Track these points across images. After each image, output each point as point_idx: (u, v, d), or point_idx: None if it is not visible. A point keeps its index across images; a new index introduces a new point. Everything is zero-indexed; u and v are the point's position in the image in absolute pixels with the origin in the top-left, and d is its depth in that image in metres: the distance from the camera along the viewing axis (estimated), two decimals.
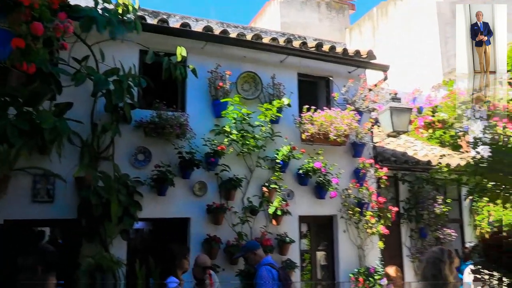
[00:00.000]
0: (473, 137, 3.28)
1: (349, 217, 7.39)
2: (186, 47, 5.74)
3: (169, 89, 6.64)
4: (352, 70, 7.87)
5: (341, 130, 7.07)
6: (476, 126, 9.48)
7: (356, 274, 7.23)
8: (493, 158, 3.19)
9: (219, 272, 6.04)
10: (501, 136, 3.80)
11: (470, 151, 9.36)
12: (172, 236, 6.53)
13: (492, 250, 3.03)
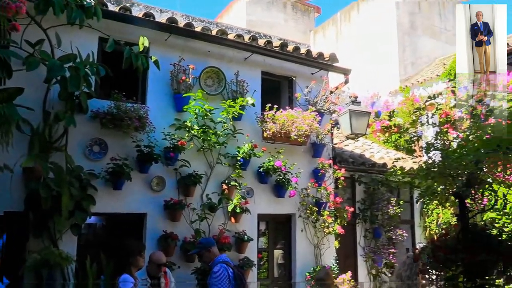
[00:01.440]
0: (425, 143, 3.36)
1: (307, 216, 7.44)
2: (149, 38, 5.56)
3: (129, 80, 6.43)
4: (315, 72, 7.93)
5: (302, 130, 7.10)
6: (430, 132, 9.82)
7: (312, 273, 7.28)
8: (443, 163, 3.28)
9: (174, 270, 5.91)
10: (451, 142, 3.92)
11: (423, 156, 9.66)
12: (127, 232, 6.33)
13: (440, 251, 3.11)
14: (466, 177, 3.18)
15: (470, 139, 3.25)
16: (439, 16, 15.87)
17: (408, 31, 14.83)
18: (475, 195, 3.47)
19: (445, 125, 3.74)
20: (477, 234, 3.18)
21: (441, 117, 8.41)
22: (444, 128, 3.68)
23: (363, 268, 8.80)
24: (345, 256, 8.48)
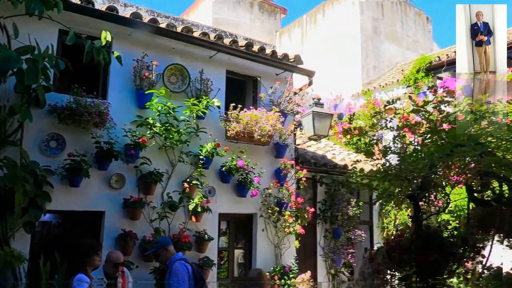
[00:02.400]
0: (383, 146, 3.46)
1: (268, 216, 7.48)
2: (112, 32, 5.44)
3: (90, 74, 6.27)
4: (279, 73, 7.99)
5: (265, 130, 7.14)
6: (389, 136, 10.10)
7: (272, 273, 7.34)
8: (399, 166, 3.38)
9: (133, 269, 5.81)
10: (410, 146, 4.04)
11: (382, 159, 9.91)
12: (84, 230, 6.17)
13: (394, 251, 3.20)
14: (421, 180, 3.29)
15: (425, 143, 3.37)
16: (401, 23, 16.33)
17: (371, 36, 15.17)
18: (429, 197, 3.60)
19: (403, 129, 3.86)
20: (430, 235, 3.29)
21: (400, 122, 8.67)
22: (402, 132, 3.79)
23: (323, 268, 8.94)
24: (305, 256, 8.59)
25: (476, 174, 3.60)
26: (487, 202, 3.64)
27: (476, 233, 3.82)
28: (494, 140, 3.26)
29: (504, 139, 3.14)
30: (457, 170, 3.42)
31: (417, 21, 16.86)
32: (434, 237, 3.34)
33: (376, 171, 3.57)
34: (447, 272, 3.45)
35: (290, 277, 7.40)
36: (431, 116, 3.37)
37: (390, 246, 3.29)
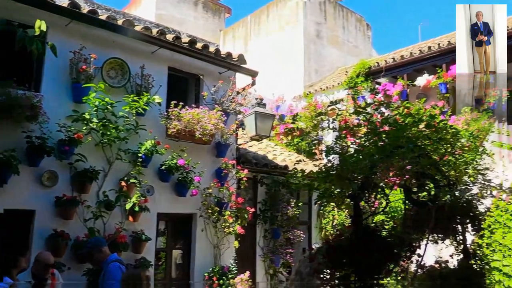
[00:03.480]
0: (325, 146, 3.51)
1: (208, 216, 7.40)
2: (49, 22, 5.09)
3: (22, 65, 5.86)
4: (223, 71, 7.94)
5: (207, 129, 7.06)
6: (330, 137, 10.34)
7: (210, 273, 7.26)
8: (340, 167, 3.44)
9: (64, 271, 5.51)
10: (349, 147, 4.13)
11: (323, 159, 10.13)
12: (12, 230, 5.75)
13: (333, 251, 3.26)
14: (361, 180, 3.37)
15: (366, 145, 3.46)
16: (343, 28, 16.84)
17: (314, 40, 15.50)
18: (369, 198, 3.70)
19: (344, 130, 3.94)
20: (369, 235, 3.38)
21: (341, 123, 8.89)
22: (343, 133, 3.88)
23: (262, 268, 8.98)
24: (244, 256, 8.58)
25: (413, 176, 3.75)
26: (422, 203, 3.80)
27: (412, 233, 3.98)
28: (430, 143, 3.41)
29: (435, 140, 3.29)
30: (396, 172, 3.54)
31: (358, 27, 17.45)
32: (373, 237, 3.44)
33: (318, 172, 3.62)
34: (385, 271, 3.56)
35: (228, 278, 7.36)
36: (371, 118, 3.47)
37: (330, 246, 3.35)
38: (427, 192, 3.77)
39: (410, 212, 3.99)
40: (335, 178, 3.44)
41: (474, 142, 4.06)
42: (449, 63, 11.38)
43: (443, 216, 3.58)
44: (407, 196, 3.81)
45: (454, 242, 4.08)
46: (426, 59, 11.89)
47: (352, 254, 3.19)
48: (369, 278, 3.27)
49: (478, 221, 3.90)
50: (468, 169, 3.92)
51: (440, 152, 3.59)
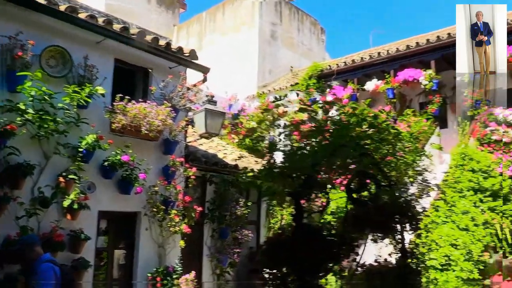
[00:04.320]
0: (268, 143, 3.44)
1: (153, 215, 7.17)
2: None
3: None
4: (173, 66, 7.73)
5: (154, 125, 6.84)
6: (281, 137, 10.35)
7: (154, 274, 7.04)
8: (284, 164, 3.38)
9: None
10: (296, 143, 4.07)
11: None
12: None
13: (274, 250, 3.19)
14: (304, 178, 3.32)
15: (310, 142, 3.42)
16: (298, 30, 16.98)
17: (269, 40, 15.53)
18: (311, 196, 3.66)
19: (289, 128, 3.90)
20: (310, 234, 3.33)
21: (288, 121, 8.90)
22: (288, 130, 3.82)
23: (208, 268, 8.82)
24: (191, 256, 8.40)
25: (355, 175, 3.75)
26: (363, 202, 3.81)
27: (353, 232, 3.99)
28: (372, 142, 3.41)
29: (377, 141, 3.29)
30: (338, 171, 3.53)
31: (312, 30, 17.66)
32: (314, 236, 3.39)
33: (260, 169, 3.54)
34: (324, 270, 3.53)
35: (173, 278, 7.17)
36: (316, 115, 3.43)
37: (270, 245, 3.27)
38: (368, 192, 3.78)
39: (352, 212, 4.00)
40: (278, 175, 3.37)
41: (415, 143, 4.14)
42: (397, 69, 11.77)
43: (383, 215, 3.61)
44: (349, 195, 3.81)
45: (393, 241, 4.13)
46: (375, 65, 12.24)
47: (292, 253, 3.13)
48: (308, 277, 3.23)
49: (416, 220, 3.96)
50: (408, 170, 3.98)
51: (382, 152, 3.61)
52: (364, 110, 3.63)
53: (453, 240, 7.82)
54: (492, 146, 9.32)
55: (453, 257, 7.57)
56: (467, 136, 9.89)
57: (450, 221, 8.23)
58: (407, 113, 7.39)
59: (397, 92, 11.82)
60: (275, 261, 3.16)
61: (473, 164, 8.88)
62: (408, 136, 4.29)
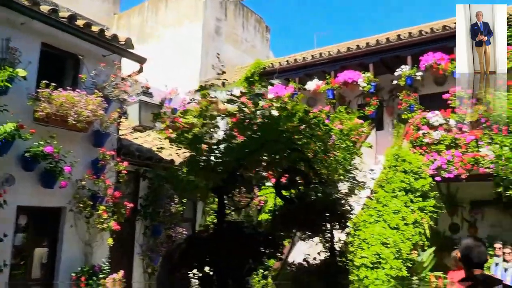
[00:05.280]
0: (192, 135, 3.26)
1: (80, 211, 6.77)
2: None
3: None
4: (107, 54, 7.35)
5: (83, 116, 6.44)
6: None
7: (79, 273, 6.65)
8: (207, 157, 3.23)
9: None
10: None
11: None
12: None
13: (195, 248, 3.02)
14: (229, 173, 3.17)
15: (236, 135, 3.27)
16: (242, 27, 16.87)
17: (213, 35, 15.29)
18: (236, 192, 3.52)
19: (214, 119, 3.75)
20: (233, 232, 3.19)
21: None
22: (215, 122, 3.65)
23: (139, 267, 8.48)
24: (121, 255, 8.02)
25: (283, 171, 3.66)
26: (291, 200, 3.73)
27: (281, 230, 3.89)
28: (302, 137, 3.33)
29: (307, 136, 3.21)
30: (266, 166, 3.42)
31: (257, 28, 17.62)
32: (238, 234, 3.25)
33: (182, 162, 3.37)
34: (248, 270, 3.39)
35: (99, 277, 6.80)
36: (245, 107, 3.30)
37: (190, 243, 3.09)
38: (297, 189, 3.70)
39: (280, 209, 3.91)
40: (200, 169, 3.20)
41: (345, 140, 4.13)
42: (338, 70, 11.97)
43: (312, 213, 3.54)
44: (278, 192, 3.72)
45: (323, 239, 4.10)
46: (316, 65, 12.38)
47: (214, 251, 2.97)
48: (232, 277, 3.08)
49: (345, 219, 3.95)
50: (339, 167, 3.96)
51: (313, 149, 3.54)
52: (296, 105, 3.55)
53: (384, 238, 8.04)
54: (424, 148, 9.69)
55: (383, 255, 7.76)
56: (401, 138, 10.24)
57: (382, 220, 8.46)
58: (340, 110, 7.52)
59: (337, 93, 12.02)
60: (196, 260, 2.99)
61: (405, 166, 9.20)
62: (339, 133, 4.28)
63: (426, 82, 10.91)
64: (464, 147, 9.24)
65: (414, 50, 10.87)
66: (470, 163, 9.00)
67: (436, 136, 9.57)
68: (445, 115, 9.70)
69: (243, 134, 3.20)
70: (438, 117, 9.73)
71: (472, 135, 9.19)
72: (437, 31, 10.42)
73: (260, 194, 9.59)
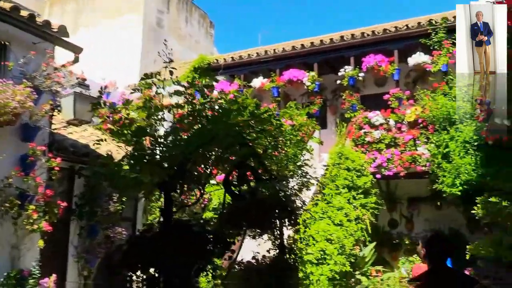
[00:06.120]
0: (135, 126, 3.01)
1: (6, 211, 6.20)
2: None
3: None
4: (38, 42, 6.79)
5: (9, 107, 5.89)
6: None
7: (6, 279, 6.08)
8: (153, 151, 2.99)
9: None
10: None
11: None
12: None
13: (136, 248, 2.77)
14: (176, 168, 2.94)
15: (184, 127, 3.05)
16: (186, 22, 16.48)
17: (154, 28, 14.80)
18: (183, 188, 3.29)
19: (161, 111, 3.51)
20: (180, 230, 2.97)
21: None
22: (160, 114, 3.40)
23: (74, 269, 7.94)
24: (53, 257, 7.47)
25: (234, 167, 3.48)
26: (241, 196, 3.56)
27: (230, 227, 3.72)
28: (252, 131, 3.16)
29: (258, 131, 3.06)
30: (216, 161, 3.22)
31: (201, 23, 17.31)
32: (185, 232, 3.03)
33: (124, 156, 3.10)
34: (197, 270, 3.19)
35: (29, 283, 6.27)
36: (193, 99, 3.08)
37: (131, 243, 2.83)
38: (247, 185, 3.54)
39: (230, 207, 3.73)
40: (145, 164, 2.94)
41: (296, 135, 4.02)
42: (283, 69, 11.96)
43: (262, 210, 3.40)
44: (227, 188, 3.53)
45: (272, 237, 3.98)
46: (262, 63, 12.31)
47: (159, 252, 2.73)
48: (178, 278, 2.86)
49: (295, 215, 3.85)
50: (289, 163, 3.84)
51: (263, 144, 3.39)
52: (246, 99, 3.38)
53: (328, 235, 8.14)
54: (365, 147, 9.91)
55: (328, 251, 7.87)
56: (344, 136, 10.41)
57: (326, 217, 8.56)
58: (290, 106, 7.50)
59: (282, 91, 12.01)
60: (140, 261, 2.73)
61: (348, 163, 9.36)
62: (290, 129, 4.17)
63: (367, 83, 11.22)
64: (402, 146, 9.60)
65: (356, 52, 11.10)
66: (408, 161, 9.40)
67: (377, 135, 9.85)
68: (385, 115, 10.01)
69: (191, 127, 2.97)
70: (378, 117, 10.01)
71: (410, 135, 9.57)
72: (378, 34, 10.72)
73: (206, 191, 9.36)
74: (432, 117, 9.14)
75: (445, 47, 9.84)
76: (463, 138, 8.32)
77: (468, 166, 8.06)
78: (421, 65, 10.24)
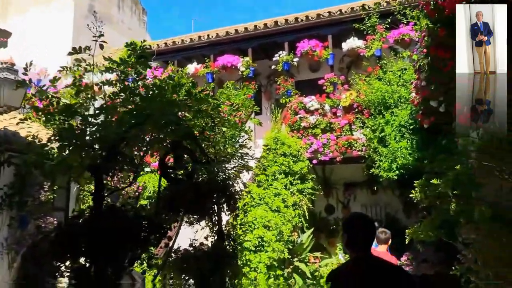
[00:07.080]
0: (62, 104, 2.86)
1: None
2: None
3: None
4: None
5: None
6: None
7: None
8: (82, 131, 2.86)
9: None
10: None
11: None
12: None
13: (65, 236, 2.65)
14: (108, 149, 2.83)
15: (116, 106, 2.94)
16: (118, 8, 15.97)
17: (85, 14, 14.22)
18: (116, 171, 3.18)
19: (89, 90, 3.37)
20: (112, 216, 2.86)
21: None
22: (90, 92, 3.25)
23: (5, 263, 7.52)
24: None
25: (170, 148, 3.41)
26: (177, 180, 3.49)
27: (166, 213, 3.63)
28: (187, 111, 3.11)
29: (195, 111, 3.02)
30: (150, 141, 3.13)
31: (133, 9, 16.86)
32: (118, 219, 2.92)
33: (52, 136, 2.95)
34: (131, 259, 3.09)
35: None
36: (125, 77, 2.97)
37: (61, 231, 2.70)
38: (184, 168, 3.48)
39: (166, 192, 3.64)
40: (75, 145, 2.81)
41: (235, 115, 4.00)
42: (217, 54, 11.88)
43: (199, 194, 3.35)
44: (163, 171, 3.46)
45: (210, 223, 3.93)
46: (195, 48, 12.20)
47: (89, 240, 2.62)
48: (111, 267, 2.76)
49: (234, 200, 3.82)
50: (227, 145, 3.83)
51: (200, 125, 3.35)
52: (181, 77, 3.32)
53: (266, 221, 8.14)
54: (301, 132, 10.01)
55: (266, 238, 7.85)
56: (279, 122, 10.47)
57: (263, 203, 8.56)
58: (227, 86, 7.32)
59: (216, 77, 11.94)
60: (69, 251, 2.60)
61: (284, 149, 9.36)
62: (229, 108, 4.14)
63: (302, 68, 11.26)
64: (338, 131, 9.66)
65: (290, 37, 11.13)
66: (344, 146, 9.38)
67: (312, 120, 9.90)
68: (320, 100, 10.07)
69: (124, 106, 2.88)
70: (313, 102, 10.07)
71: (345, 119, 9.71)
72: (312, 19, 10.80)
73: (139, 180, 9.12)
74: (367, 102, 9.19)
75: (378, 32, 9.93)
76: (399, 122, 8.35)
77: (404, 150, 8.09)
78: (355, 50, 10.29)
